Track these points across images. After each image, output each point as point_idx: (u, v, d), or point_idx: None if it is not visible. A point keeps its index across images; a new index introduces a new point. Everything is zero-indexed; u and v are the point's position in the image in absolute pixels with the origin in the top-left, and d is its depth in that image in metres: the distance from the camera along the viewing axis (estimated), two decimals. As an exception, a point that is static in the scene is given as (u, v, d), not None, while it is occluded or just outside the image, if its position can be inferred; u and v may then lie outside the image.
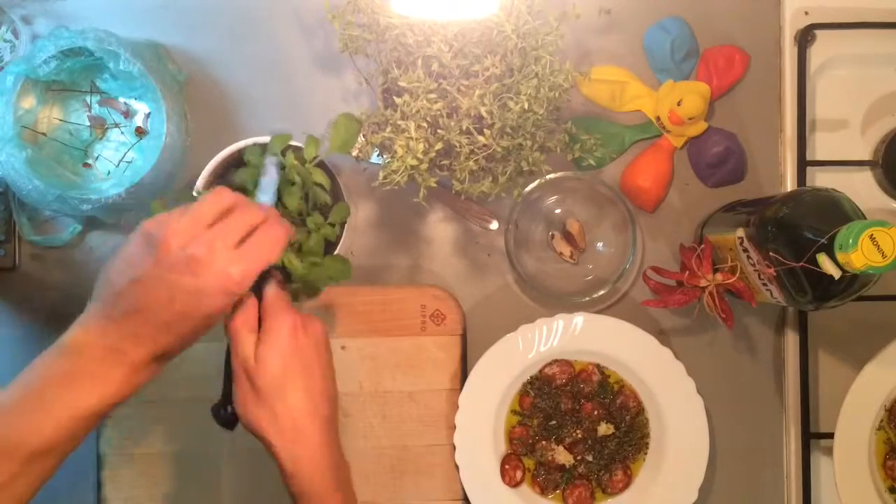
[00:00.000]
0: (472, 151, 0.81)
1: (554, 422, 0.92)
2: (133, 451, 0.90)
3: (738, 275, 0.82)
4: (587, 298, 0.92)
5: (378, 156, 0.88)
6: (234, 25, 0.94)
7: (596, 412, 0.92)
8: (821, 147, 0.94)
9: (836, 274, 0.71)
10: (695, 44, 0.94)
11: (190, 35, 0.94)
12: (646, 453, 0.92)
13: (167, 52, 0.93)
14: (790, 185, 0.93)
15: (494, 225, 0.94)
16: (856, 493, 0.87)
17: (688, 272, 0.85)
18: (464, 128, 0.80)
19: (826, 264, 0.71)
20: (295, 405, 0.70)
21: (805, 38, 0.93)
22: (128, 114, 0.92)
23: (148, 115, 0.92)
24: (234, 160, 0.85)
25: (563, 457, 0.91)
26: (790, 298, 0.79)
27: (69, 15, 0.93)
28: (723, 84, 0.93)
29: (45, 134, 0.91)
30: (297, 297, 0.82)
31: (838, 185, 0.80)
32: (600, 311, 0.93)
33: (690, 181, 0.95)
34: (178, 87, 0.92)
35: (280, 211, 0.78)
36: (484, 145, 0.80)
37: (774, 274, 0.76)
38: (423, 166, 0.80)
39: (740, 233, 0.80)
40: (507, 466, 0.91)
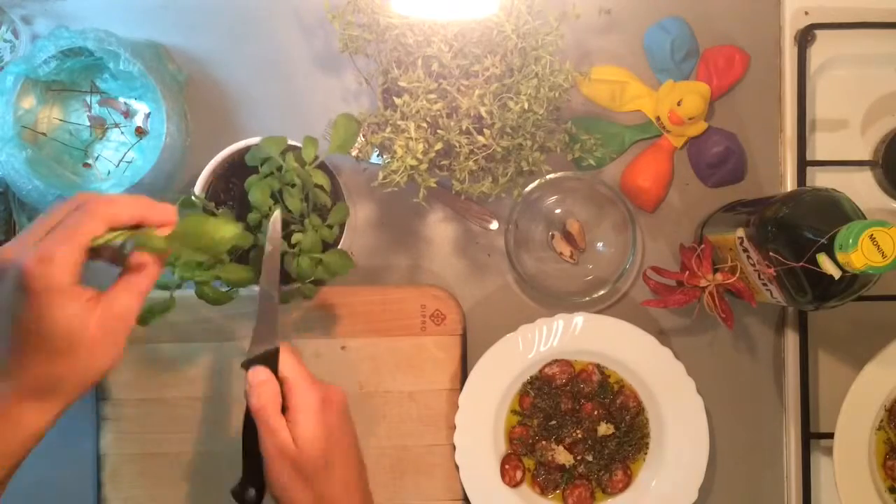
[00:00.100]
0: (471, 151, 0.81)
1: (554, 422, 0.92)
2: (133, 451, 0.90)
3: (738, 275, 0.82)
4: (587, 298, 0.92)
5: (378, 156, 0.88)
6: (234, 25, 0.94)
7: (596, 412, 0.92)
8: (821, 147, 0.94)
9: (836, 274, 0.71)
10: (695, 44, 0.94)
11: (190, 35, 0.94)
12: (646, 453, 0.92)
13: (167, 52, 0.93)
14: (790, 185, 0.93)
15: (494, 225, 0.94)
16: (856, 493, 0.87)
17: (688, 272, 0.85)
18: (464, 128, 0.80)
19: (826, 264, 0.71)
20: (338, 483, 0.70)
21: (805, 38, 0.93)
22: (128, 114, 0.92)
23: (148, 115, 0.92)
24: (234, 160, 0.85)
25: (563, 457, 0.91)
26: (790, 298, 0.79)
27: (69, 15, 0.93)
28: (723, 84, 0.93)
29: (45, 134, 0.91)
30: (296, 297, 0.82)
31: (838, 185, 0.80)
32: (600, 311, 0.93)
33: (690, 181, 0.95)
34: (178, 87, 0.92)
35: (284, 214, 0.78)
36: (484, 145, 0.80)
37: (774, 274, 0.76)
38: (423, 166, 0.80)
39: (740, 233, 0.80)
40: (507, 466, 0.91)
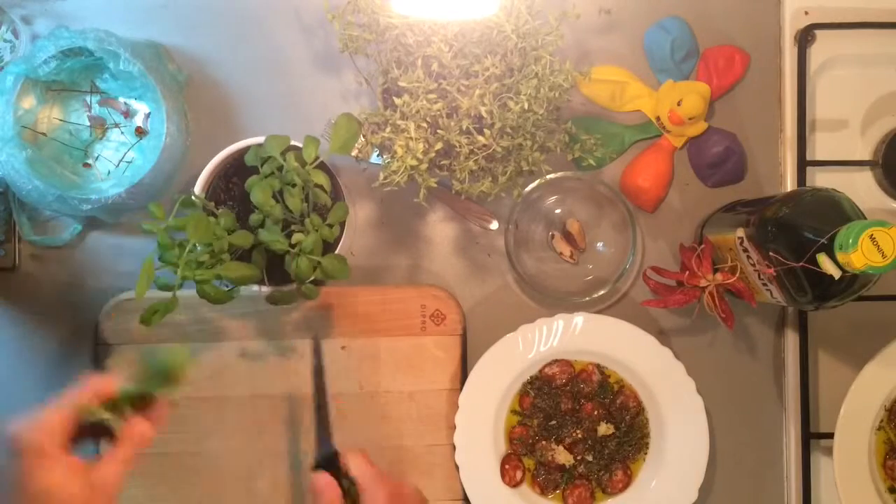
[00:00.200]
0: (472, 151, 0.81)
1: (554, 422, 0.92)
2: (133, 451, 0.90)
3: (738, 275, 0.82)
4: (587, 298, 0.92)
5: (378, 156, 0.88)
6: (234, 25, 0.94)
7: (596, 412, 0.92)
8: (821, 147, 0.94)
9: (836, 274, 0.71)
10: (695, 44, 0.94)
11: (190, 35, 0.94)
12: (646, 453, 0.92)
13: (167, 52, 0.93)
14: (790, 185, 0.93)
15: (494, 225, 0.94)
16: (856, 493, 0.87)
17: (688, 272, 0.85)
18: (464, 128, 0.79)
19: (826, 264, 0.71)
20: None
21: (805, 38, 0.93)
22: (128, 114, 0.92)
23: (148, 115, 0.92)
24: (234, 160, 0.85)
25: (563, 457, 0.91)
26: (790, 298, 0.79)
27: (69, 15, 0.93)
28: (723, 84, 0.93)
29: (45, 134, 0.91)
30: (297, 298, 0.82)
31: (838, 185, 0.80)
32: (600, 311, 0.93)
33: (690, 181, 0.95)
34: (178, 87, 0.91)
35: (284, 214, 0.78)
36: (484, 145, 0.80)
37: (774, 274, 0.76)
38: (423, 166, 0.80)
39: (740, 233, 0.80)
40: (507, 466, 0.91)
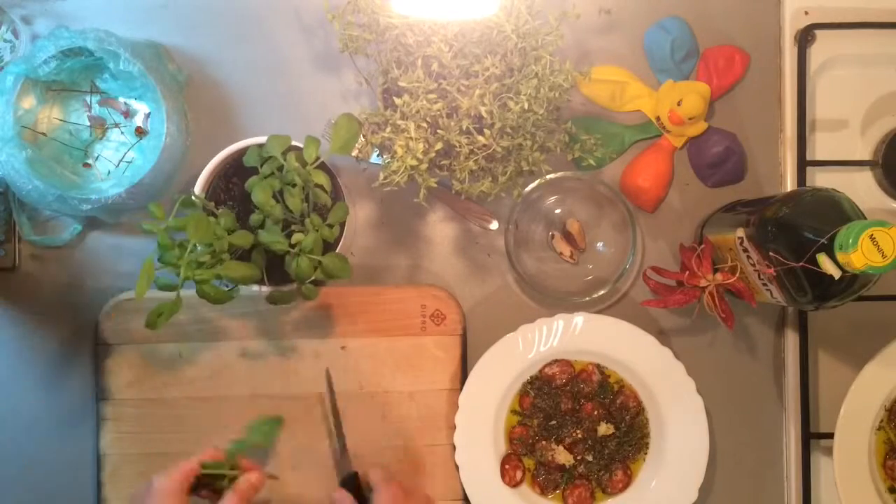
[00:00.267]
0: (472, 151, 0.81)
1: (554, 422, 0.92)
2: (133, 451, 0.90)
3: (738, 275, 0.82)
4: (587, 298, 0.92)
5: (378, 156, 0.88)
6: (234, 25, 0.94)
7: (596, 412, 0.92)
8: (821, 147, 0.94)
9: (836, 274, 0.71)
10: (695, 44, 0.94)
11: (190, 35, 0.94)
12: (646, 453, 0.92)
13: (167, 52, 0.93)
14: (790, 185, 0.93)
15: (494, 225, 0.94)
16: (856, 493, 0.87)
17: (688, 272, 0.85)
18: (464, 128, 0.79)
19: (826, 264, 0.71)
20: None
21: (805, 38, 0.93)
22: (128, 114, 0.92)
23: (148, 115, 0.92)
24: (234, 160, 0.85)
25: (563, 457, 0.91)
26: (790, 298, 0.79)
27: (69, 15, 0.93)
28: (723, 84, 0.93)
29: (45, 134, 0.91)
30: (296, 297, 0.82)
31: (838, 185, 0.80)
32: (600, 311, 0.93)
33: (690, 181, 0.95)
34: (178, 87, 0.91)
35: (285, 214, 0.78)
36: (484, 145, 0.80)
37: (774, 274, 0.76)
38: (423, 166, 0.80)
39: (740, 233, 0.80)
40: (507, 466, 0.91)
